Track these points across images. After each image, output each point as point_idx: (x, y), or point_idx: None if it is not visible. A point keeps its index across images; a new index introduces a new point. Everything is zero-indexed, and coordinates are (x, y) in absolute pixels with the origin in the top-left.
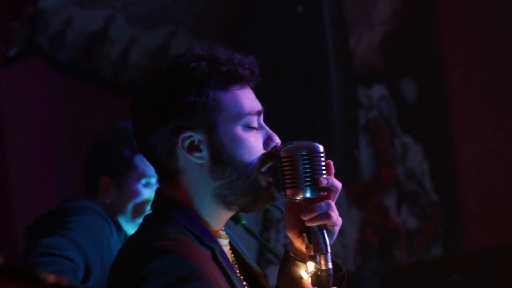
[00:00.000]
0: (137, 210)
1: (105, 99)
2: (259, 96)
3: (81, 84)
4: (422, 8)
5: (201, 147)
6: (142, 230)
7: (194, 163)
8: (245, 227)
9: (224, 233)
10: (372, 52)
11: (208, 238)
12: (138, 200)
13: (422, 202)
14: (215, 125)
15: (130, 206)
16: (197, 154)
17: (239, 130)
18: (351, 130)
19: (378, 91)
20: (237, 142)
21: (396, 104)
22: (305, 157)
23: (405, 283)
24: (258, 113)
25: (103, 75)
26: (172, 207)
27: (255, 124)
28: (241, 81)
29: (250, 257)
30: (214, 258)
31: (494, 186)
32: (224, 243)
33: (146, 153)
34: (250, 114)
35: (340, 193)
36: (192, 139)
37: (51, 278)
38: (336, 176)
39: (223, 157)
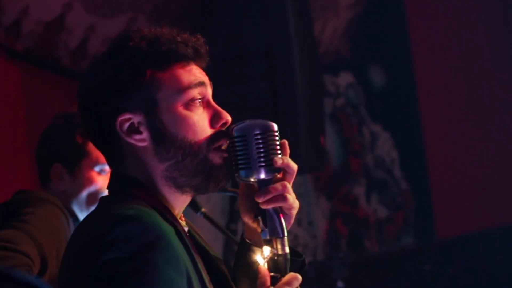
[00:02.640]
0: (92, 198)
1: (64, 89)
2: (220, 82)
3: (40, 74)
4: None
5: (141, 128)
6: (99, 206)
7: (137, 147)
8: (205, 215)
9: (183, 222)
10: (338, 39)
11: (170, 216)
12: (93, 188)
13: (392, 191)
14: (154, 105)
15: (84, 194)
16: (137, 137)
17: (179, 107)
18: (316, 117)
19: (345, 78)
20: (179, 120)
21: (363, 92)
22: (259, 137)
23: (376, 273)
24: (199, 84)
25: (62, 65)
26: (131, 185)
27: (198, 100)
28: (182, 59)
29: (210, 245)
30: (178, 235)
31: (465, 174)
32: (185, 229)
33: (92, 138)
34: (190, 87)
35: (307, 182)
36: (131, 121)
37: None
38: (302, 164)
39: (165, 138)
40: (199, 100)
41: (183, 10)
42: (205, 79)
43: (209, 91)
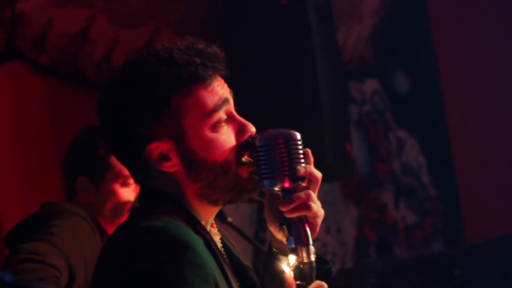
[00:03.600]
0: (116, 210)
1: (89, 101)
2: (243, 90)
3: (65, 86)
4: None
5: (170, 155)
6: (129, 218)
7: (167, 171)
8: (231, 225)
9: (215, 230)
10: (363, 46)
11: (200, 227)
12: (116, 200)
13: (420, 197)
14: (181, 132)
15: (108, 206)
16: (167, 164)
17: (207, 131)
18: (341, 124)
19: (371, 85)
20: (207, 144)
21: (389, 98)
22: (282, 146)
23: (405, 279)
24: (225, 102)
25: (87, 77)
26: (161, 198)
27: (224, 120)
28: (204, 80)
29: (242, 254)
30: (207, 245)
31: (493, 178)
32: (216, 239)
33: (118, 157)
34: (215, 110)
35: (335, 190)
36: (159, 149)
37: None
38: (328, 172)
39: (196, 162)
40: (225, 121)
41: (206, 20)
42: (227, 93)
43: (232, 104)
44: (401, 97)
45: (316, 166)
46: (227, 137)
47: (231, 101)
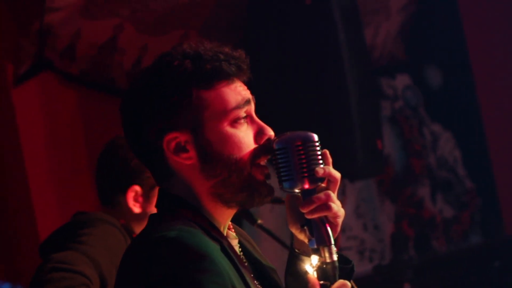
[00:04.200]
0: None
1: None
2: (270, 91)
3: (96, 95)
4: None
5: (188, 147)
6: (147, 227)
7: (183, 165)
8: (261, 227)
9: (232, 233)
10: (392, 42)
11: (215, 233)
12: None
13: (457, 190)
14: (200, 124)
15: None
16: (184, 155)
17: (225, 126)
18: (372, 121)
19: (402, 80)
20: (224, 138)
21: (421, 93)
22: (300, 148)
23: (444, 273)
24: (246, 103)
25: (117, 85)
26: (177, 204)
27: (243, 118)
28: (227, 77)
29: (263, 255)
30: (223, 250)
31: None
32: (233, 243)
33: (139, 156)
34: (237, 108)
35: (371, 187)
36: (178, 140)
37: None
38: (360, 170)
39: (212, 156)
40: (244, 118)
41: (232, 23)
42: (250, 96)
43: (253, 107)
44: (433, 91)
45: (347, 165)
46: (245, 135)
47: (253, 104)
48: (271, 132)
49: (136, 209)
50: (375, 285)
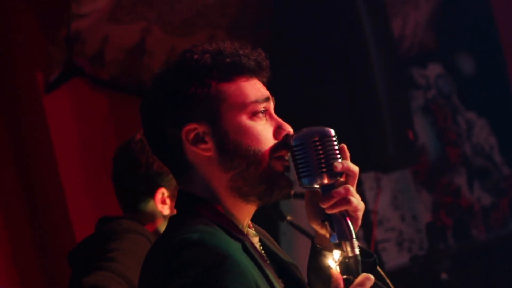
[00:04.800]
0: None
1: None
2: (298, 86)
3: (127, 99)
4: None
5: (206, 138)
6: (167, 229)
7: (202, 157)
8: (291, 223)
9: (252, 231)
10: (422, 31)
11: (236, 232)
12: None
13: (494, 177)
14: (218, 115)
15: None
16: (203, 146)
17: (244, 118)
18: (402, 111)
19: (434, 69)
20: (243, 129)
21: (454, 81)
22: (318, 143)
23: (483, 261)
24: (265, 100)
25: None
26: (196, 203)
27: (262, 112)
28: (246, 72)
29: (284, 252)
30: (245, 250)
31: None
32: (254, 241)
33: (157, 152)
34: (256, 102)
35: (407, 177)
36: (196, 131)
37: None
38: (392, 161)
39: (229, 147)
40: (262, 112)
41: (258, 20)
42: (269, 94)
43: (272, 106)
44: (466, 79)
45: (378, 157)
46: (264, 129)
47: (272, 103)
48: (289, 129)
49: (165, 211)
50: (413, 276)
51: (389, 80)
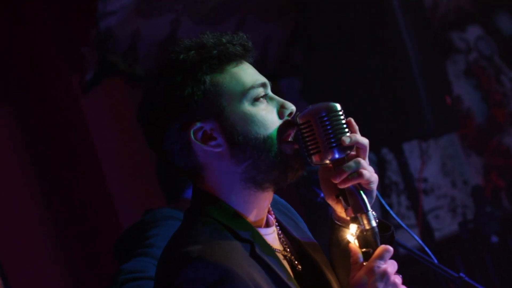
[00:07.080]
0: None
1: None
2: (330, 66)
3: None
4: None
5: (215, 134)
6: (179, 230)
7: (213, 154)
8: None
9: (273, 218)
10: None
11: (246, 233)
12: None
13: None
14: (221, 109)
15: None
16: (213, 143)
17: (246, 106)
18: (438, 78)
19: (473, 32)
20: (248, 119)
21: (494, 41)
22: (324, 119)
23: None
24: (263, 85)
25: None
26: (207, 203)
27: (262, 96)
28: (235, 58)
29: (305, 231)
30: (253, 254)
31: None
32: (270, 231)
33: (164, 157)
34: (253, 87)
35: (455, 143)
36: (203, 129)
37: None
38: (431, 129)
39: (239, 139)
40: (263, 97)
41: (287, 2)
42: (264, 79)
43: (269, 89)
44: (506, 38)
45: (416, 125)
46: (267, 112)
47: (269, 86)
48: (292, 106)
49: None
50: (464, 241)
51: (421, 48)
